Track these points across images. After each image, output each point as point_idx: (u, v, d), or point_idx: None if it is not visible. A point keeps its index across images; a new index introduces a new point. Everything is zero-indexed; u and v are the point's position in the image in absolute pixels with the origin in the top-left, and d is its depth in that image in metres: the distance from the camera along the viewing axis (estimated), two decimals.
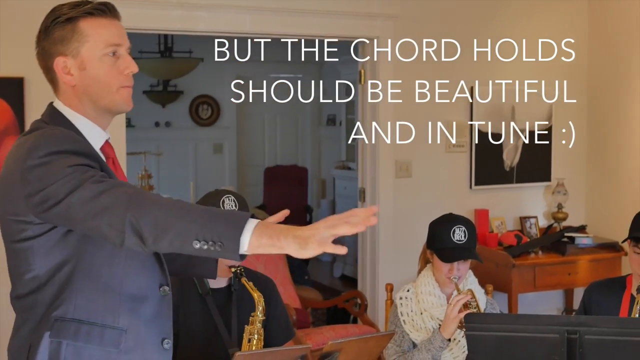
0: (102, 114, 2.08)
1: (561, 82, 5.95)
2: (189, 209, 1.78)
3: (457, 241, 2.90)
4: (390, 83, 5.38)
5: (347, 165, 8.77)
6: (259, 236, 1.71)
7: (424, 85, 5.52)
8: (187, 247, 1.74)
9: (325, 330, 4.98)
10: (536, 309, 5.81)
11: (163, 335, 2.06)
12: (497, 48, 5.72)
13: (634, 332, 2.18)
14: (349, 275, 8.27)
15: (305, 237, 1.70)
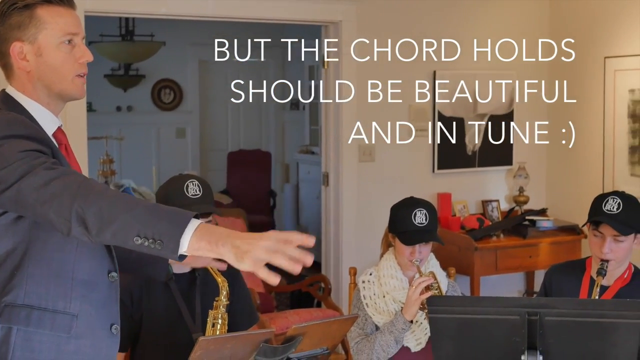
0: (55, 100, 2.08)
1: (521, 67, 6.00)
2: (135, 204, 1.78)
3: (418, 224, 2.92)
4: (353, 67, 5.38)
5: (311, 149, 8.77)
6: (198, 239, 1.71)
7: (387, 70, 5.53)
8: (129, 242, 1.75)
9: (289, 315, 4.99)
10: (498, 291, 5.88)
11: (112, 320, 2.07)
12: (459, 33, 5.75)
13: (593, 313, 2.22)
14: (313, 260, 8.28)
15: (243, 252, 1.68)
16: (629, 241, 2.83)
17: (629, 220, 2.80)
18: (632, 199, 2.86)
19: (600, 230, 2.84)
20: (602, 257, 2.82)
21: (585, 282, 2.94)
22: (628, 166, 5.51)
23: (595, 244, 2.86)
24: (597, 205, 2.86)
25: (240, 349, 2.22)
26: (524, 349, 2.21)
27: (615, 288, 2.89)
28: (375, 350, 2.90)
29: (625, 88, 5.49)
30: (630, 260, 2.95)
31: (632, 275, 2.92)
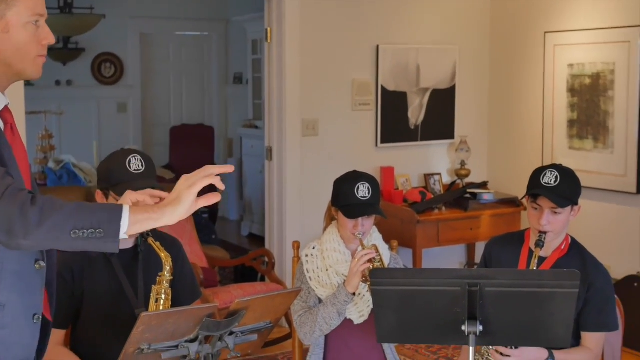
0: (8, 78, 2.07)
1: (463, 42, 6.05)
2: (63, 203, 1.82)
3: (361, 197, 2.94)
4: (296, 42, 5.37)
5: (254, 124, 8.73)
6: (135, 214, 1.81)
7: (330, 44, 5.53)
8: (64, 238, 1.79)
9: (233, 289, 4.98)
10: (439, 263, 5.96)
11: (35, 310, 2.07)
12: (402, 8, 5.76)
13: (530, 283, 2.26)
14: (257, 234, 8.29)
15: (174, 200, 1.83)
16: (566, 213, 2.88)
17: (566, 192, 2.85)
18: (569, 172, 2.91)
19: (538, 203, 2.88)
20: (540, 229, 2.86)
21: (523, 254, 2.99)
22: (567, 140, 5.62)
23: (534, 216, 2.90)
24: (535, 178, 2.90)
25: (183, 324, 2.21)
26: (465, 319, 2.24)
27: (552, 259, 2.95)
28: (318, 322, 2.92)
29: (565, 63, 5.58)
30: (567, 232, 3.01)
31: (569, 247, 2.98)
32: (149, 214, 1.80)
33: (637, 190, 5.16)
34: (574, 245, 2.99)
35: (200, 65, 9.90)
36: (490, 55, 6.18)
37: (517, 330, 2.32)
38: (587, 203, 5.36)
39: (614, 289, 2.98)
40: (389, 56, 5.74)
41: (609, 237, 5.32)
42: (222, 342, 2.30)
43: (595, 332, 2.90)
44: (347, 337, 3.02)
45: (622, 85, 5.21)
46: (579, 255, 2.96)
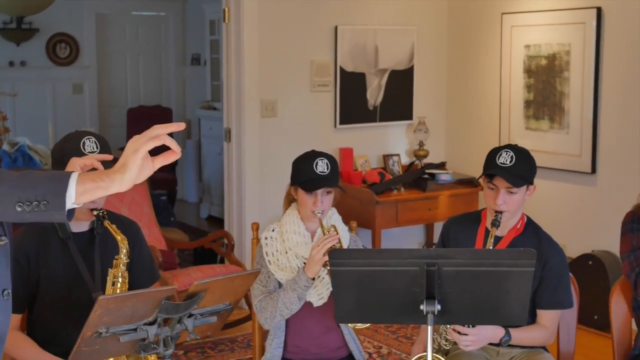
0: None
1: (421, 23, 6.06)
2: (6, 175, 1.74)
3: (319, 172, 2.93)
4: (255, 22, 5.33)
5: (213, 105, 8.67)
6: (82, 183, 1.72)
7: (289, 25, 5.50)
8: (9, 211, 1.71)
9: (192, 271, 4.96)
10: (398, 243, 6.00)
11: (3, 286, 2.01)
12: None
13: (487, 262, 2.28)
14: (216, 216, 8.26)
15: (122, 166, 1.73)
16: (522, 193, 2.91)
17: (521, 172, 2.88)
18: (524, 152, 2.94)
19: (494, 183, 2.91)
20: (496, 209, 2.89)
21: (480, 233, 3.02)
22: (523, 120, 5.68)
23: (490, 196, 2.93)
24: (491, 159, 2.92)
25: (141, 307, 2.19)
26: (423, 299, 2.26)
27: (508, 238, 2.98)
28: (278, 307, 2.92)
29: (521, 44, 5.63)
30: (524, 211, 3.05)
31: (525, 226, 3.01)
32: (97, 183, 1.72)
33: (592, 170, 5.24)
34: (529, 225, 3.02)
35: (157, 46, 9.79)
36: (448, 36, 6.21)
37: (474, 308, 2.35)
38: (544, 183, 5.43)
39: (568, 267, 3.03)
40: (348, 37, 5.74)
41: (564, 216, 5.40)
42: (181, 324, 2.29)
43: (551, 310, 2.95)
44: (306, 319, 3.02)
45: (577, 66, 5.27)
46: (534, 234, 3.00)
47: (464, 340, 2.75)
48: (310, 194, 2.95)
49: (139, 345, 2.25)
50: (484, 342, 2.82)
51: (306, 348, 3.06)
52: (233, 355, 4.82)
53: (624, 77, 5.04)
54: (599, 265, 5.00)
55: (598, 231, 5.19)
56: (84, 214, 2.73)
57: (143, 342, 2.24)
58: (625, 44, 5.01)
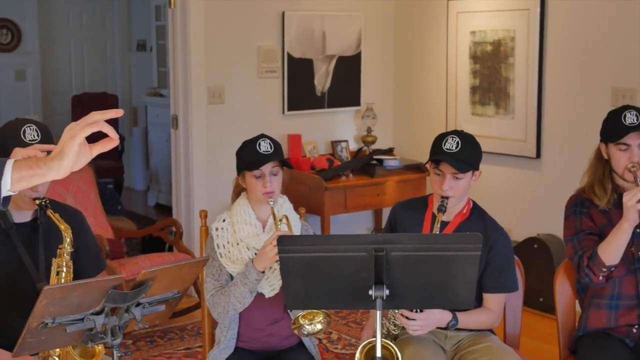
0: None
1: (368, 9, 6.07)
2: None
3: (264, 152, 2.93)
4: (201, 7, 5.28)
5: (159, 92, 8.59)
6: (18, 170, 1.70)
7: (235, 11, 5.46)
8: None
9: (140, 260, 4.92)
10: (348, 229, 6.03)
11: None
12: None
13: (434, 247, 2.30)
14: (164, 204, 8.19)
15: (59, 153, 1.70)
16: (467, 178, 2.94)
17: (467, 158, 2.90)
18: (470, 138, 2.97)
19: (440, 169, 2.93)
20: (443, 194, 2.91)
21: (427, 218, 3.04)
22: (469, 106, 5.73)
23: (436, 181, 2.95)
24: (437, 144, 2.95)
25: (88, 296, 2.17)
26: (372, 284, 2.27)
27: (455, 223, 3.01)
28: (231, 302, 2.90)
29: (467, 30, 5.68)
30: (470, 196, 3.08)
31: (471, 211, 3.05)
32: (33, 170, 1.70)
33: (536, 155, 5.32)
34: (475, 209, 3.06)
35: (101, 32, 9.64)
36: (394, 22, 6.23)
37: (422, 293, 2.37)
38: (490, 168, 5.50)
39: (513, 252, 3.08)
40: (295, 23, 5.72)
41: (510, 200, 5.48)
42: (129, 313, 2.27)
43: (496, 294, 2.99)
44: (258, 310, 3.01)
45: (522, 52, 5.34)
46: (480, 218, 3.03)
47: (411, 325, 2.78)
48: (258, 176, 2.93)
49: (86, 335, 2.23)
50: (431, 326, 2.85)
51: (257, 337, 3.06)
52: (183, 343, 4.79)
53: (568, 63, 5.12)
54: (544, 248, 5.08)
55: (543, 215, 5.28)
56: (26, 204, 2.69)
57: (90, 332, 2.22)
58: (569, 30, 5.09)
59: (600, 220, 3.00)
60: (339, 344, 4.75)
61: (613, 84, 4.84)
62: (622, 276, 2.96)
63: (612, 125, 2.96)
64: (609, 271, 2.90)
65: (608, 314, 2.99)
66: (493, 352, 2.93)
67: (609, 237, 2.88)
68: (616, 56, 4.83)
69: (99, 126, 1.72)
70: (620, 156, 2.93)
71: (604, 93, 4.89)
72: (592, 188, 3.03)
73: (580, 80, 5.05)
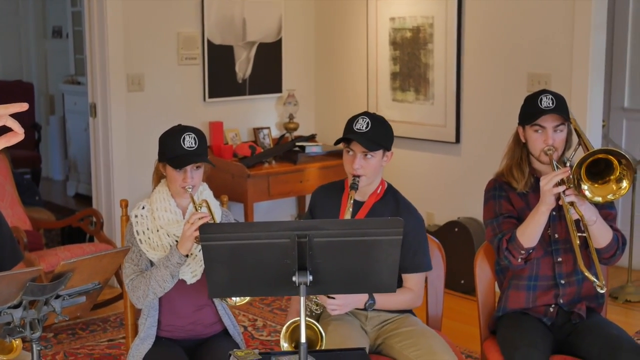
0: None
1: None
2: None
3: (187, 148, 2.90)
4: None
5: (77, 79, 8.40)
6: None
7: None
8: None
9: (60, 251, 4.82)
10: (271, 216, 6.03)
11: None
12: None
13: (357, 232, 2.32)
14: (84, 194, 8.04)
15: None
16: (378, 158, 3.01)
17: (376, 137, 2.98)
18: (380, 119, 3.04)
19: (351, 148, 2.99)
20: (354, 173, 2.99)
21: (344, 200, 3.09)
22: (390, 92, 5.79)
23: (347, 160, 3.02)
24: (349, 125, 3.03)
25: (4, 289, 2.12)
26: (295, 270, 2.28)
27: (369, 203, 3.07)
28: (151, 286, 2.87)
29: (387, 16, 5.72)
30: (389, 180, 3.13)
31: (385, 191, 3.12)
32: None
33: (456, 140, 5.41)
34: (389, 190, 3.13)
35: (15, 19, 9.35)
36: (315, 8, 6.24)
37: (345, 278, 2.39)
38: (411, 153, 5.57)
39: (425, 231, 3.14)
40: (214, 9, 5.67)
41: (431, 185, 5.56)
42: (48, 306, 2.23)
43: (413, 273, 3.05)
44: (180, 297, 2.99)
45: (440, 38, 5.41)
46: (393, 199, 3.10)
47: (330, 304, 2.83)
48: (179, 170, 2.91)
49: (4, 329, 2.18)
50: (350, 306, 2.91)
51: (180, 326, 3.03)
52: (105, 335, 4.72)
53: (485, 50, 5.21)
54: (465, 231, 5.18)
55: (463, 199, 5.38)
56: None
57: (8, 326, 2.17)
58: (486, 17, 5.18)
59: (519, 204, 3.07)
60: (264, 331, 4.75)
61: (529, 69, 4.96)
62: (539, 258, 3.04)
63: (529, 108, 3.04)
64: (527, 253, 2.98)
65: (527, 295, 3.07)
66: (417, 334, 2.98)
67: (527, 220, 2.95)
68: (532, 43, 4.94)
69: (2, 121, 1.65)
70: (536, 138, 3.01)
71: (520, 79, 5.00)
72: (511, 171, 3.10)
73: (498, 67, 5.15)
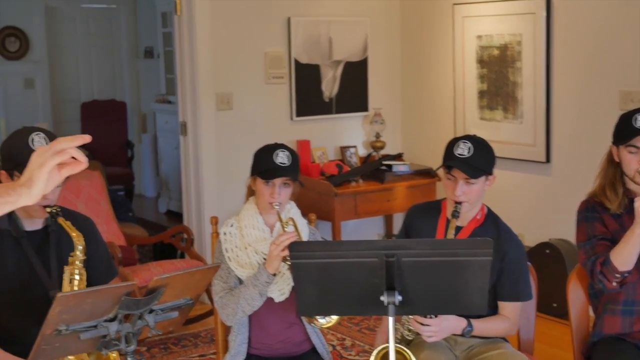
0: None
1: (374, 14, 6.08)
2: None
3: (279, 163, 2.93)
4: (207, 14, 5.30)
5: (167, 99, 8.61)
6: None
7: (241, 17, 5.48)
8: None
9: (152, 267, 4.93)
10: (358, 235, 6.02)
11: None
12: None
13: (445, 253, 2.30)
14: (175, 210, 8.20)
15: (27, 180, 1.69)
16: (480, 183, 2.93)
17: (479, 163, 2.89)
18: (482, 143, 2.96)
19: (452, 174, 2.92)
20: (455, 200, 2.90)
21: (441, 223, 3.03)
22: (478, 110, 5.73)
23: (449, 186, 2.94)
24: (449, 149, 2.94)
25: (101, 303, 2.17)
26: (383, 290, 2.27)
27: (469, 228, 2.99)
28: (240, 304, 2.90)
29: (473, 34, 5.67)
30: (489, 202, 3.07)
31: (485, 216, 3.03)
32: (4, 198, 1.69)
33: (546, 159, 5.31)
34: (489, 215, 3.04)
35: (109, 39, 9.67)
36: (400, 27, 6.24)
37: (434, 298, 2.36)
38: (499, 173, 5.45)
39: (527, 259, 3.06)
40: (301, 29, 5.73)
41: (521, 205, 5.47)
42: (142, 320, 2.28)
43: (511, 302, 2.97)
44: (268, 315, 3.01)
45: (528, 56, 5.33)
46: (494, 225, 3.01)
47: (426, 331, 2.77)
48: (267, 184, 2.94)
49: (100, 342, 2.23)
50: (446, 332, 2.83)
51: (270, 343, 3.05)
52: (196, 350, 4.79)
53: (575, 66, 5.11)
54: (556, 253, 5.06)
55: (554, 220, 5.26)
56: (37, 211, 2.69)
57: (104, 339, 2.22)
58: (575, 33, 5.08)
59: (613, 225, 2.98)
60: (353, 350, 4.74)
61: (621, 87, 4.83)
62: (635, 282, 2.94)
63: (623, 128, 2.95)
64: (623, 277, 2.88)
65: (622, 320, 2.97)
66: (508, 358, 2.91)
67: (621, 243, 2.86)
68: (623, 59, 4.82)
69: (68, 154, 1.71)
70: (631, 159, 2.92)
71: (612, 96, 4.88)
72: (604, 191, 3.01)
73: (588, 84, 5.04)
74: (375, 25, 6.09)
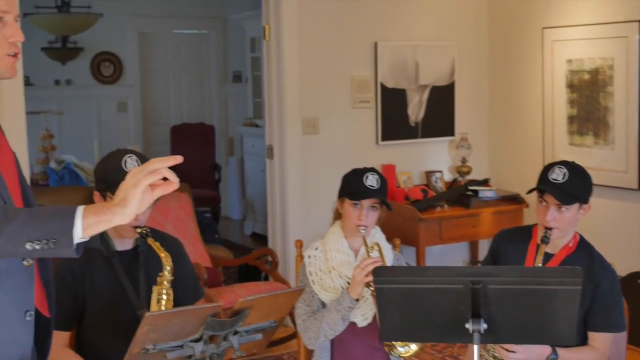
0: None
1: (461, 38, 6.04)
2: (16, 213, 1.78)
3: (368, 185, 2.94)
4: (295, 39, 5.36)
5: (255, 122, 8.73)
6: (86, 218, 1.76)
7: (328, 41, 5.52)
8: (20, 250, 1.76)
9: (237, 288, 4.97)
10: (443, 261, 5.95)
11: (26, 307, 2.02)
12: (400, 4, 5.76)
13: (533, 280, 2.25)
14: (260, 233, 8.28)
15: (122, 200, 1.76)
16: (573, 211, 2.86)
17: (572, 190, 2.83)
18: (579, 170, 2.90)
19: (544, 199, 2.88)
20: (546, 225, 2.85)
21: (531, 249, 2.97)
22: (567, 136, 5.61)
23: (540, 211, 2.89)
24: (544, 174, 2.90)
25: (187, 323, 2.21)
26: (469, 317, 2.24)
27: (560, 256, 2.93)
28: (322, 328, 2.91)
29: (563, 58, 5.57)
30: (577, 230, 2.99)
31: (577, 245, 2.95)
32: (99, 217, 1.76)
33: (638, 187, 5.16)
34: (582, 244, 2.97)
35: (199, 64, 9.89)
36: (488, 51, 6.18)
37: (521, 327, 2.32)
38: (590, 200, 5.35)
39: (620, 290, 2.97)
40: (388, 53, 5.74)
41: (612, 233, 5.31)
42: (227, 341, 2.30)
43: (602, 333, 2.89)
44: (351, 340, 3.00)
45: (621, 80, 5.20)
46: (586, 254, 2.94)
47: (512, 358, 2.72)
48: (356, 206, 2.94)
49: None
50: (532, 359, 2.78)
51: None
52: None
53: None
54: None
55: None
56: (128, 232, 2.76)
57: (189, 359, 2.25)
58: None
59: None
60: None
61: None
62: None
63: None
64: None
65: None
66: None
67: None
68: None
69: (161, 174, 1.77)
70: None
71: None
72: None
73: None
74: (462, 49, 6.05)
